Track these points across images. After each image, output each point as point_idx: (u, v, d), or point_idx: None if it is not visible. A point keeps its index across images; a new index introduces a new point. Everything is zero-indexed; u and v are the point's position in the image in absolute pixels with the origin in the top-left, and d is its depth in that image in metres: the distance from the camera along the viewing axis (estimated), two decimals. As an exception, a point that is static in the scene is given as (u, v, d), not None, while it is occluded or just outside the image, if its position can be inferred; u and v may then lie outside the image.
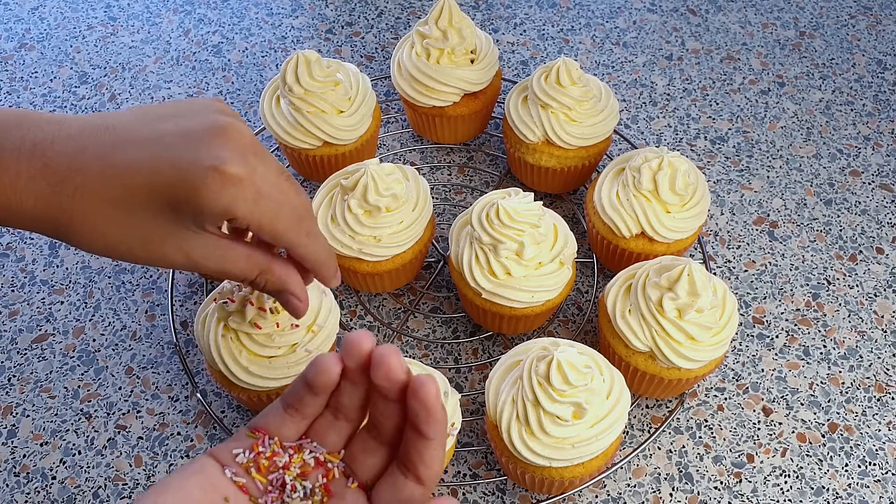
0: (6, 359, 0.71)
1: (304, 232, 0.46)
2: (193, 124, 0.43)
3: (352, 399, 0.38)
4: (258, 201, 0.42)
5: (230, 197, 0.41)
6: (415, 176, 0.70)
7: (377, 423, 0.38)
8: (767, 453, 0.66)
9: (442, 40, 0.76)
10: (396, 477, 0.37)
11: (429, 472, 0.37)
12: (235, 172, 0.41)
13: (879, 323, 0.74)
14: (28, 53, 0.95)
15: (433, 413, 0.35)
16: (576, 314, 0.74)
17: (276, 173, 0.44)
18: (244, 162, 0.42)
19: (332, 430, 0.39)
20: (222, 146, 0.42)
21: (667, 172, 0.67)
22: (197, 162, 0.41)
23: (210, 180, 0.41)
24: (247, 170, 0.42)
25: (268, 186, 0.43)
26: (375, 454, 0.39)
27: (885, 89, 0.93)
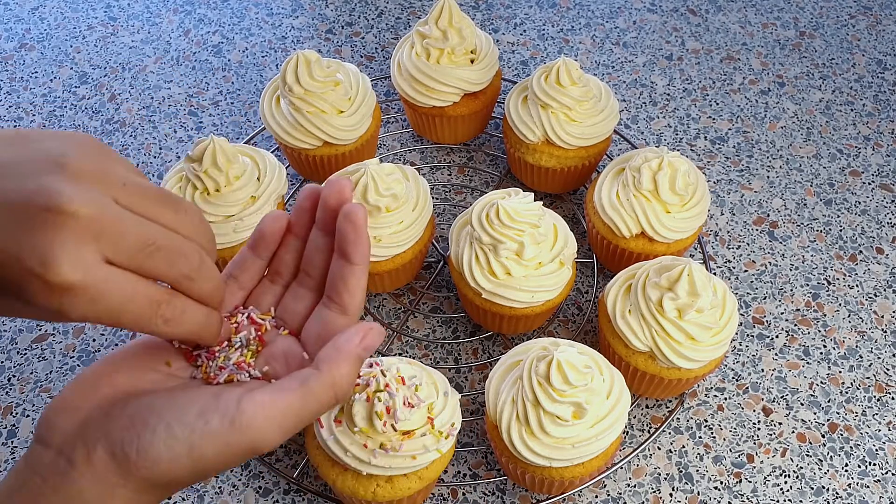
0: (6, 359, 0.71)
1: (159, 320, 0.36)
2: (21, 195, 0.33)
3: (290, 254, 0.42)
4: (95, 303, 0.34)
5: (57, 304, 0.33)
6: (415, 176, 0.70)
7: (308, 267, 0.42)
8: (767, 453, 0.66)
9: (442, 40, 0.76)
10: (321, 310, 0.41)
11: (352, 299, 0.40)
12: (63, 280, 0.32)
13: (879, 323, 0.74)
14: (28, 53, 0.95)
15: (360, 235, 0.39)
16: (576, 314, 0.74)
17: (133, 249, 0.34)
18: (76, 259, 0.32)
19: (267, 294, 0.43)
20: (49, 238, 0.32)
21: (667, 172, 0.67)
22: (17, 260, 0.32)
23: (34, 288, 0.32)
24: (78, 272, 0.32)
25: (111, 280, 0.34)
26: (304, 300, 0.43)
27: (885, 89, 0.93)
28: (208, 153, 0.66)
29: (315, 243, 0.42)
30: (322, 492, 0.63)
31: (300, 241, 0.43)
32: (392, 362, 0.56)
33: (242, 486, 0.64)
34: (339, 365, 0.37)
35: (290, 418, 0.36)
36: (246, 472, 0.65)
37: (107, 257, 0.34)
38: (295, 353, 0.41)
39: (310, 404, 0.36)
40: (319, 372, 0.37)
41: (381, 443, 0.53)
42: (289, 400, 0.36)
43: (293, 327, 0.43)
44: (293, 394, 0.36)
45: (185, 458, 0.35)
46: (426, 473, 0.56)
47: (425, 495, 0.61)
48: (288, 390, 0.36)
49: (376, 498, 0.55)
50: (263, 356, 0.41)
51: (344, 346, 0.37)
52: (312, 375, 0.37)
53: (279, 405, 0.36)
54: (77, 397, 0.37)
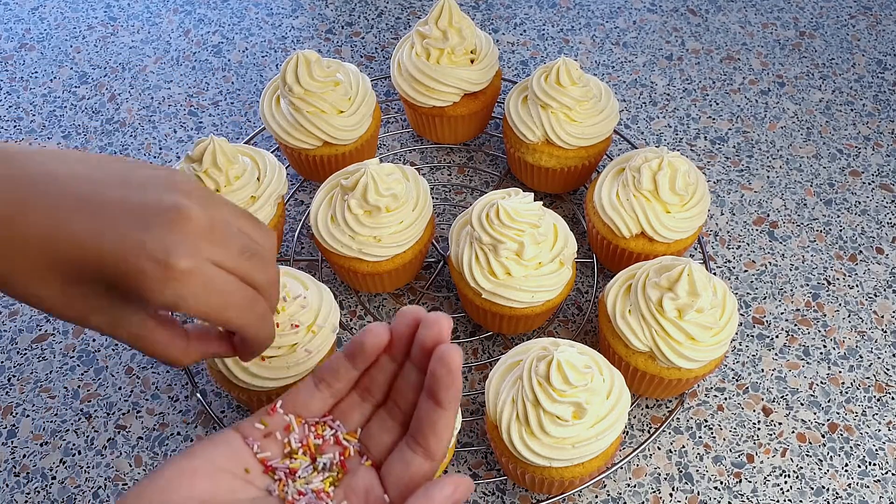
0: (6, 359, 0.71)
1: (255, 315, 0.43)
2: (145, 201, 0.39)
3: (383, 375, 0.41)
4: (206, 295, 0.39)
5: (173, 292, 0.38)
6: (415, 176, 0.70)
7: (397, 398, 0.41)
8: (767, 453, 0.66)
9: (442, 40, 0.76)
10: (405, 452, 0.40)
11: (439, 444, 0.39)
12: (182, 267, 0.37)
13: (879, 323, 0.74)
14: (28, 53, 0.95)
15: (455, 380, 0.37)
16: (576, 314, 0.74)
17: (233, 256, 0.41)
18: (193, 253, 0.38)
19: (355, 410, 0.42)
20: (170, 234, 0.38)
21: (667, 172, 0.67)
22: (141, 250, 0.37)
23: (153, 275, 0.37)
24: (195, 263, 0.38)
25: (220, 277, 0.40)
26: (390, 432, 0.41)
27: (885, 89, 0.93)
28: (208, 153, 0.66)
29: (407, 378, 0.41)
30: (322, 492, 0.63)
31: (395, 364, 0.42)
32: None
33: (242, 486, 0.64)
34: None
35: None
36: (246, 472, 0.65)
37: (215, 259, 0.39)
38: (376, 493, 0.40)
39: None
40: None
41: None
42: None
43: (375, 458, 0.41)
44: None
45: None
46: (426, 473, 0.56)
47: None
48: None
49: (376, 498, 0.55)
50: (343, 487, 0.40)
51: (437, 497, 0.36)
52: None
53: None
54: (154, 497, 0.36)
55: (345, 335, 0.72)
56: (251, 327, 0.43)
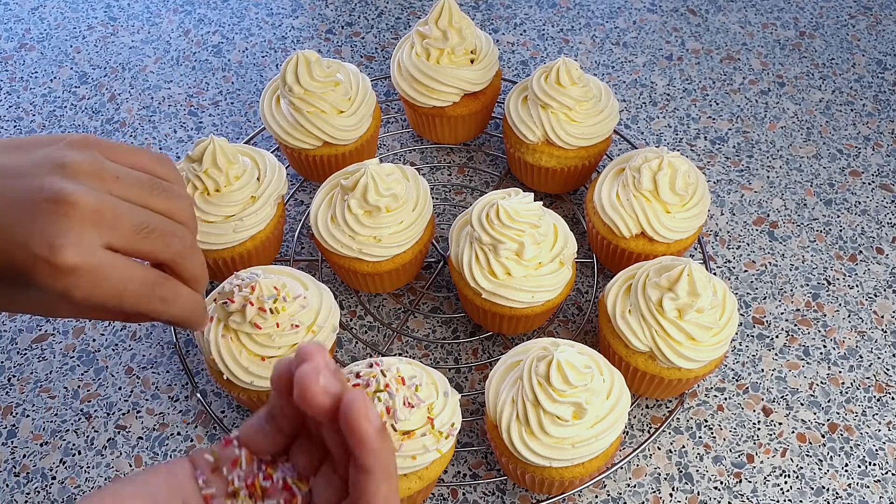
0: (6, 359, 0.71)
1: (156, 299, 0.41)
2: (26, 191, 0.37)
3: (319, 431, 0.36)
4: (97, 286, 0.38)
5: (63, 286, 0.37)
6: (415, 176, 0.70)
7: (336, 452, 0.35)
8: (767, 453, 0.66)
9: (442, 40, 0.76)
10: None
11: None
12: (68, 262, 0.36)
13: (879, 323, 0.74)
14: (28, 53, 0.95)
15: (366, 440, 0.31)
16: (576, 314, 0.74)
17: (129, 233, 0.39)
18: (79, 243, 0.36)
19: (305, 454, 0.37)
20: (55, 225, 0.36)
21: (667, 172, 0.67)
22: (25, 247, 0.36)
23: (40, 270, 0.36)
24: (82, 255, 0.36)
25: (112, 265, 0.38)
26: (333, 486, 0.36)
27: (885, 89, 0.93)
28: (208, 153, 0.66)
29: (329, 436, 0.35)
30: (322, 492, 0.63)
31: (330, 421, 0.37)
32: (392, 362, 0.56)
33: (242, 486, 0.64)
34: None
35: None
36: (246, 472, 0.65)
37: (107, 243, 0.38)
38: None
39: None
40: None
41: None
42: None
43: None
44: None
45: None
46: (426, 473, 0.56)
47: (425, 495, 0.61)
48: None
49: (376, 498, 0.55)
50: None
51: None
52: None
53: None
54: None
55: (345, 335, 0.72)
56: (155, 312, 0.41)
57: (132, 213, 0.39)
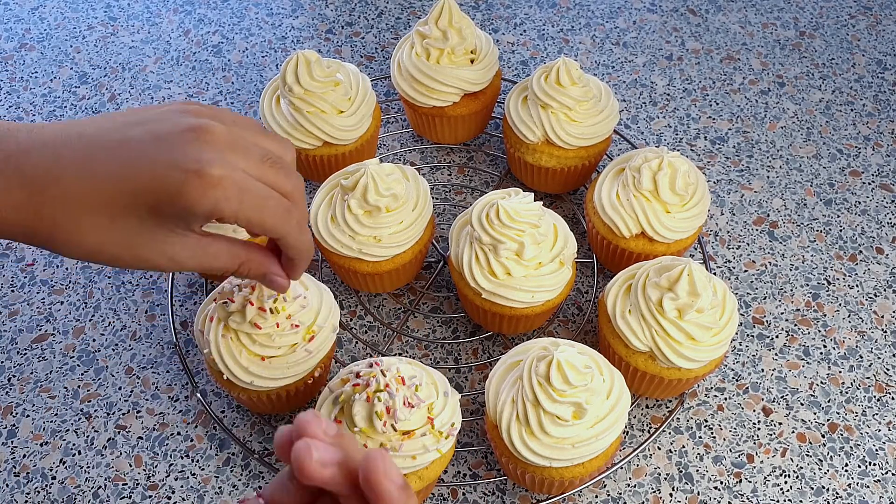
0: (6, 359, 0.71)
1: (292, 221, 0.46)
2: (165, 127, 0.42)
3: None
4: (242, 199, 0.42)
5: (213, 199, 0.41)
6: (415, 176, 0.70)
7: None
8: (767, 453, 0.66)
9: (442, 40, 0.76)
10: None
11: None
12: (216, 174, 0.41)
13: (879, 323, 0.74)
14: (28, 53, 0.95)
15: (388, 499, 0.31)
16: (576, 314, 0.74)
17: (256, 163, 0.43)
18: (222, 161, 0.41)
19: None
20: (198, 147, 0.41)
21: (667, 172, 0.67)
22: (175, 166, 0.41)
23: (190, 185, 0.40)
24: (226, 169, 0.41)
25: (250, 182, 0.42)
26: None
27: (885, 89, 0.93)
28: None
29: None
30: (322, 492, 0.63)
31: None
32: (392, 362, 0.56)
33: (242, 486, 0.64)
34: None
35: None
36: (246, 472, 0.65)
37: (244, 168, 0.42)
38: None
39: None
40: None
41: (381, 443, 0.53)
42: None
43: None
44: None
45: None
46: (426, 473, 0.56)
47: (425, 495, 0.61)
48: None
49: (376, 498, 0.55)
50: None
51: None
52: None
53: None
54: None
55: (345, 335, 0.72)
56: (291, 235, 0.46)
57: (256, 146, 0.44)
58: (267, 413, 0.67)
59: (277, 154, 0.45)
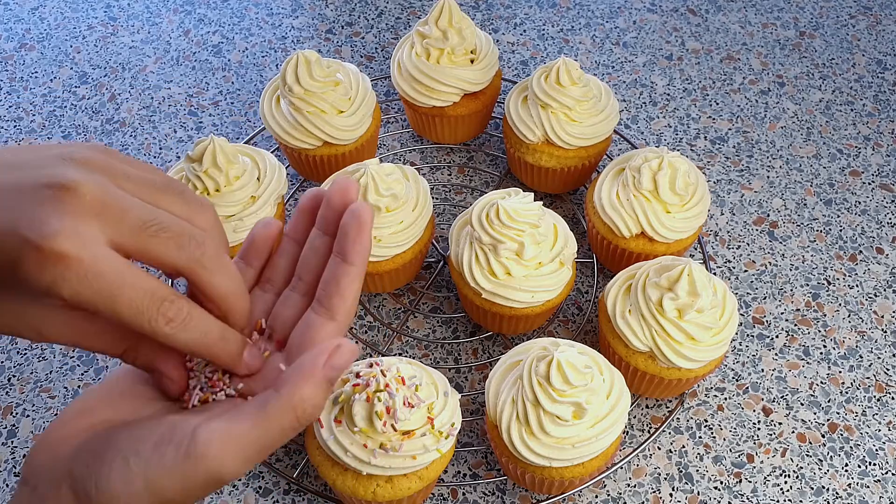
0: (6, 359, 0.71)
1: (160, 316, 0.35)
2: (28, 178, 0.34)
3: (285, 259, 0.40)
4: (88, 282, 0.33)
5: (51, 278, 0.32)
6: (415, 176, 0.70)
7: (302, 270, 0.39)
8: (767, 453, 0.66)
9: (442, 40, 0.76)
10: (308, 315, 0.38)
11: (343, 303, 0.37)
12: (56, 248, 0.32)
13: (879, 323, 0.74)
14: (28, 53, 0.95)
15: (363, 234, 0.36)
16: (576, 314, 0.74)
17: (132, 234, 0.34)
18: (74, 232, 0.32)
19: (257, 302, 0.41)
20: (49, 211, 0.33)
21: (667, 172, 0.67)
22: (14, 231, 0.32)
23: (27, 257, 0.32)
24: (75, 244, 0.32)
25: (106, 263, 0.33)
26: (295, 305, 0.40)
27: (885, 89, 0.93)
28: (208, 153, 0.66)
29: (313, 245, 0.39)
30: (322, 492, 0.63)
31: (297, 245, 0.40)
32: (392, 362, 0.56)
33: (242, 486, 0.64)
34: (300, 387, 0.33)
35: (250, 446, 0.33)
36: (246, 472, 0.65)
37: (110, 239, 0.34)
38: (272, 368, 0.38)
39: (270, 431, 0.33)
40: (279, 395, 0.33)
41: (381, 443, 0.53)
42: (246, 427, 0.33)
43: (281, 336, 0.39)
44: (250, 420, 0.33)
45: (144, 493, 0.33)
46: (426, 473, 0.56)
47: (425, 495, 0.61)
48: (245, 416, 0.33)
49: (376, 498, 0.55)
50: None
51: (308, 366, 0.34)
52: (271, 399, 0.33)
53: (236, 433, 0.33)
54: (57, 433, 0.35)
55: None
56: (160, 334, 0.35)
57: (141, 208, 0.34)
58: (267, 413, 0.67)
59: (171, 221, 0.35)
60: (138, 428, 0.35)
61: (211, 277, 0.36)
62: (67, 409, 0.37)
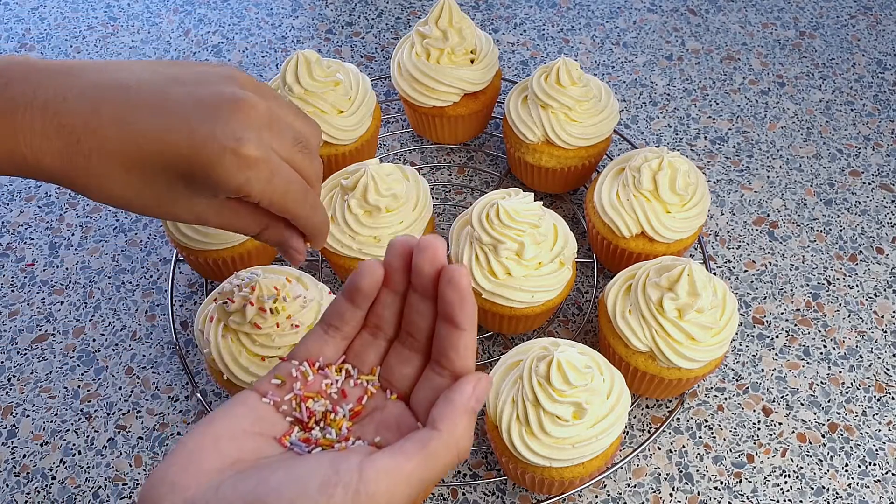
0: (6, 359, 0.71)
1: (308, 205, 0.47)
2: (209, 94, 0.43)
3: (389, 310, 0.39)
4: (271, 181, 0.43)
5: (245, 178, 0.42)
6: (415, 176, 0.70)
7: (411, 329, 0.39)
8: (767, 453, 0.66)
9: (442, 40, 0.76)
10: (431, 377, 0.38)
11: (464, 364, 0.37)
12: (252, 154, 0.42)
13: (879, 323, 0.74)
14: (28, 53, 0.95)
15: (466, 299, 0.36)
16: (576, 314, 0.74)
17: (288, 146, 0.45)
18: (259, 141, 0.42)
19: (369, 349, 0.40)
20: (238, 123, 0.42)
21: (667, 172, 0.67)
22: (213, 139, 0.41)
23: (226, 161, 0.42)
24: (262, 150, 0.42)
25: (280, 166, 0.44)
26: (410, 363, 0.39)
27: (885, 89, 0.93)
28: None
29: (415, 307, 0.38)
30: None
31: (397, 296, 0.39)
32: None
33: (242, 486, 0.64)
34: (456, 421, 0.35)
35: (415, 483, 0.33)
36: (246, 472, 0.65)
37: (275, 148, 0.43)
38: (407, 421, 0.38)
39: (433, 467, 0.34)
40: (439, 432, 0.34)
41: None
42: (412, 464, 0.33)
43: (401, 391, 0.39)
44: (415, 457, 0.33)
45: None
46: (426, 473, 0.56)
47: (425, 495, 0.60)
48: (410, 454, 0.34)
49: (376, 498, 0.55)
50: (374, 423, 0.38)
51: (458, 399, 0.35)
52: (433, 436, 0.34)
53: (403, 471, 0.33)
54: (181, 473, 0.33)
55: (345, 335, 0.72)
56: (306, 217, 0.47)
57: (290, 124, 0.45)
58: (267, 413, 0.67)
59: (307, 137, 0.47)
60: (291, 470, 0.33)
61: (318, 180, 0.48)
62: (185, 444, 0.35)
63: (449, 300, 0.36)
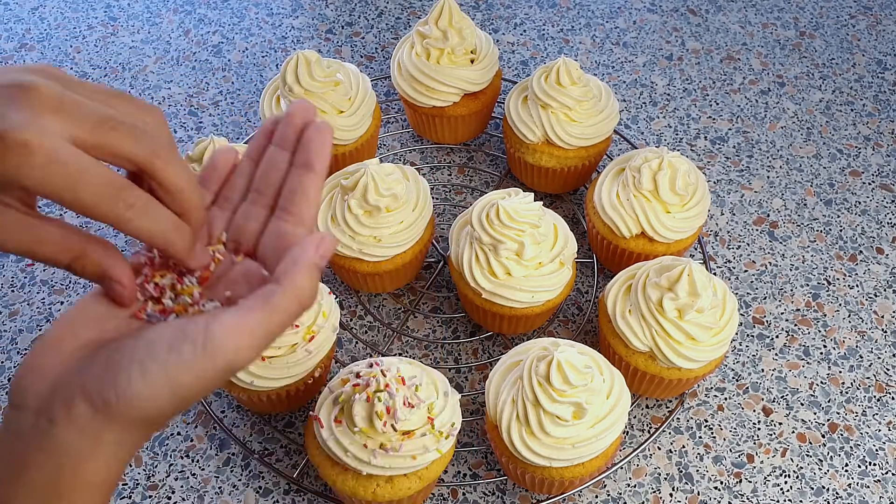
0: (6, 359, 0.71)
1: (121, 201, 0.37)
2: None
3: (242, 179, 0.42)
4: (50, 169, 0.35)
5: (14, 165, 0.35)
6: (415, 176, 0.70)
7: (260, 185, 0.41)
8: (767, 453, 0.66)
9: (442, 40, 0.76)
10: (276, 224, 0.41)
11: (310, 208, 0.40)
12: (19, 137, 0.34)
13: (879, 323, 0.74)
14: (28, 53, 0.95)
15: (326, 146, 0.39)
16: (576, 314, 0.74)
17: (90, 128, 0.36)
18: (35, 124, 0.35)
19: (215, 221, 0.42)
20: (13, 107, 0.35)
21: (667, 172, 0.67)
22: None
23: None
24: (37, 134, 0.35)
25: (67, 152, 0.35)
26: (256, 218, 0.42)
27: (885, 89, 0.93)
28: (208, 153, 0.66)
29: (271, 160, 0.42)
30: (322, 492, 0.63)
31: (255, 164, 0.43)
32: (392, 362, 0.56)
33: (243, 486, 0.64)
34: (299, 276, 0.37)
35: (260, 335, 0.36)
36: (246, 472, 0.65)
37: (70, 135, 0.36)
38: (254, 273, 0.41)
39: (277, 318, 0.36)
40: (281, 286, 0.37)
41: (381, 443, 0.53)
42: (256, 318, 0.36)
43: (248, 247, 0.42)
44: (259, 311, 0.36)
45: (165, 391, 0.35)
46: (426, 473, 0.56)
47: (425, 495, 0.61)
48: (253, 309, 0.36)
49: (376, 498, 0.55)
50: (223, 282, 0.41)
51: (301, 257, 0.37)
52: (275, 290, 0.37)
53: (247, 324, 0.36)
54: (44, 359, 0.37)
55: (345, 335, 0.72)
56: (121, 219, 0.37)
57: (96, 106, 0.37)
58: (267, 413, 0.67)
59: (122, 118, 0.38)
60: (142, 336, 0.36)
61: (167, 167, 0.38)
62: (45, 336, 0.38)
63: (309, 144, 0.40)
